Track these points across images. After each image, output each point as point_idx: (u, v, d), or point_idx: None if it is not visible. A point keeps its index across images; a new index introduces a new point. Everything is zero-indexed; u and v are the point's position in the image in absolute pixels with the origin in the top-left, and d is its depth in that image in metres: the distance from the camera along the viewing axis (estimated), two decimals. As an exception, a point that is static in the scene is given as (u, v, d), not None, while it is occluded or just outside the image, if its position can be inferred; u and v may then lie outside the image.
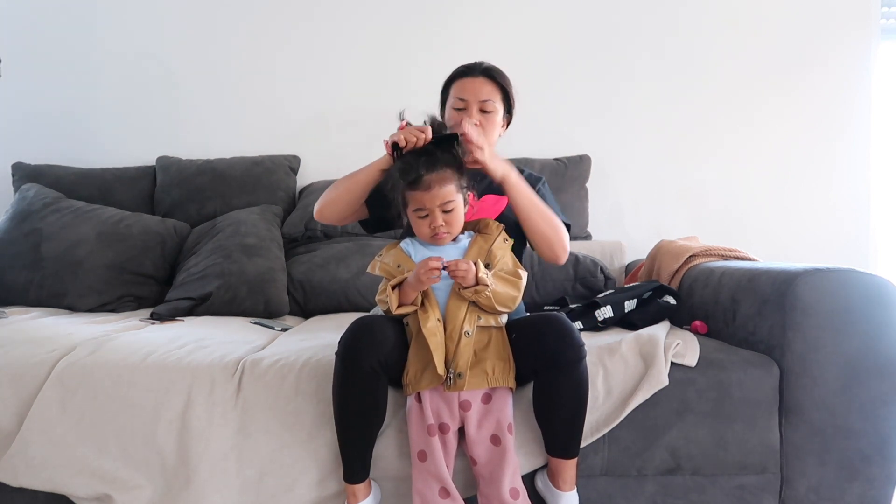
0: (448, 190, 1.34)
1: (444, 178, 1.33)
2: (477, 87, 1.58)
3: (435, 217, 1.34)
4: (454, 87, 1.61)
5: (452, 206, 1.35)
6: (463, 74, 1.61)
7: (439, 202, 1.33)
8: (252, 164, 2.55)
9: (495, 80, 1.59)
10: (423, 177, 1.32)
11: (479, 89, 1.58)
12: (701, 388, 1.44)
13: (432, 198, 1.33)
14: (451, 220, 1.36)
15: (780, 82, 2.70)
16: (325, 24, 2.74)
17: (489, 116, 1.57)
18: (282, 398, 1.40)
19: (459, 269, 1.28)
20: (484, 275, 1.30)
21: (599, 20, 2.72)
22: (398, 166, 1.36)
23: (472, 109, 1.56)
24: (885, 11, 2.76)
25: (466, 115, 1.55)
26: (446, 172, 1.34)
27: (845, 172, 2.70)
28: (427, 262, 1.28)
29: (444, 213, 1.34)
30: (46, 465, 1.39)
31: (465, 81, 1.59)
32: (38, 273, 2.20)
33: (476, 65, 1.61)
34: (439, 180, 1.33)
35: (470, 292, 1.30)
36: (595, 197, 2.60)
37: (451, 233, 1.38)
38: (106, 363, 1.45)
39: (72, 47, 2.75)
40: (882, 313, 1.43)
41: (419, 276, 1.29)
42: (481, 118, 1.56)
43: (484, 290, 1.29)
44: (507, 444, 1.30)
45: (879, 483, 1.45)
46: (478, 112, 1.56)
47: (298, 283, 2.26)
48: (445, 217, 1.35)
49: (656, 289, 1.86)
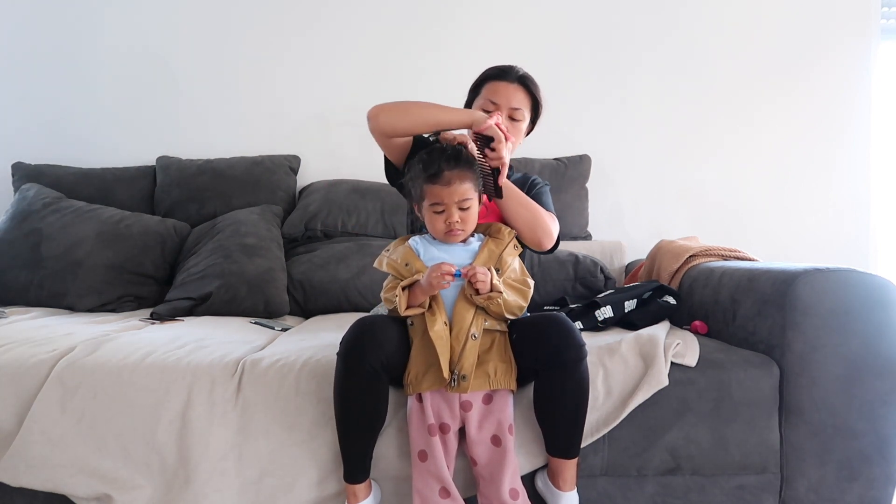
0: (467, 187, 1.35)
1: (464, 175, 1.35)
2: (510, 93, 1.57)
3: (451, 213, 1.35)
4: (486, 89, 1.59)
5: (469, 204, 1.36)
6: (497, 77, 1.59)
7: (457, 198, 1.35)
8: (252, 164, 2.55)
9: (529, 90, 1.59)
10: (444, 171, 1.34)
11: (512, 96, 1.57)
12: (701, 388, 1.43)
13: (451, 193, 1.34)
14: (466, 217, 1.37)
15: (780, 82, 2.70)
16: (325, 24, 2.74)
17: (517, 125, 1.58)
18: (282, 398, 1.40)
19: (479, 277, 1.29)
20: (498, 282, 1.31)
21: (600, 20, 2.72)
22: (421, 157, 1.38)
23: (502, 114, 1.54)
24: (885, 11, 2.76)
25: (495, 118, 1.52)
26: (466, 170, 1.36)
27: (845, 172, 2.70)
28: (440, 268, 1.29)
29: (460, 210, 1.36)
30: (46, 465, 1.38)
31: (499, 85, 1.57)
32: (38, 273, 2.20)
33: (512, 69, 1.59)
34: (460, 177, 1.35)
35: (482, 298, 1.31)
36: (595, 197, 2.61)
37: (466, 231, 1.38)
38: (106, 363, 1.45)
39: (72, 47, 2.75)
40: (882, 313, 1.43)
41: (431, 280, 1.30)
42: (508, 125, 1.54)
43: (497, 297, 1.30)
44: (508, 444, 1.30)
45: (879, 483, 1.45)
46: (506, 119, 1.55)
47: (298, 283, 2.26)
48: (461, 214, 1.36)
49: (656, 289, 1.86)
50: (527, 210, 1.47)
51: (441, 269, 1.28)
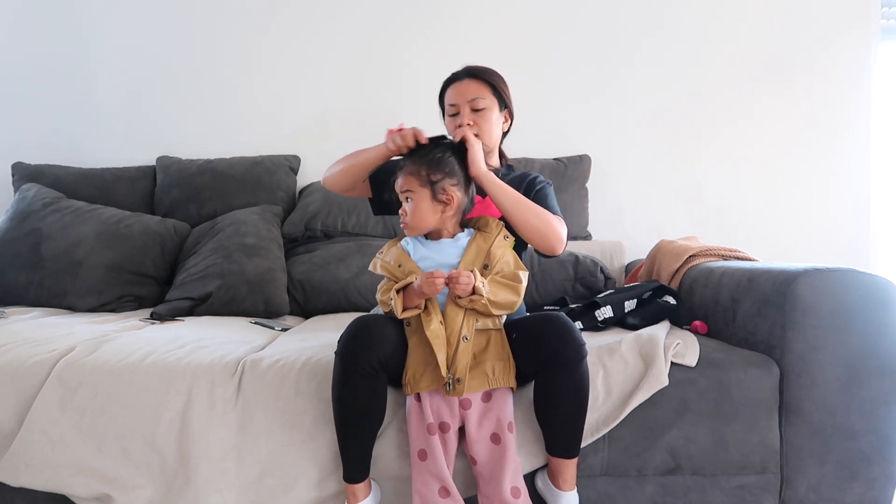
0: (408, 180, 1.39)
1: (412, 170, 1.39)
2: (463, 88, 1.62)
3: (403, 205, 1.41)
4: (446, 96, 1.66)
5: (411, 196, 1.39)
6: (450, 82, 1.66)
7: (403, 189, 1.40)
8: (252, 164, 2.55)
9: (480, 78, 1.63)
10: (404, 166, 1.42)
11: (466, 90, 1.61)
12: (701, 388, 1.43)
13: (400, 185, 1.41)
14: (409, 210, 1.40)
15: (780, 82, 2.70)
16: (325, 24, 2.74)
17: (482, 114, 1.60)
18: (282, 398, 1.40)
19: (460, 284, 1.29)
20: (481, 284, 1.31)
21: (600, 20, 2.72)
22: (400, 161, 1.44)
23: (464, 111, 1.60)
24: (885, 11, 2.76)
25: (460, 118, 1.60)
26: (416, 165, 1.40)
27: (845, 172, 2.70)
28: (431, 277, 1.29)
29: (406, 202, 1.41)
30: (46, 464, 1.38)
31: (452, 88, 1.64)
32: (38, 273, 2.20)
33: (461, 70, 1.66)
34: (408, 170, 1.40)
35: (465, 301, 1.32)
36: (595, 197, 2.60)
37: (409, 224, 1.41)
38: (106, 363, 1.45)
39: (72, 47, 2.75)
40: (882, 313, 1.44)
41: (422, 289, 1.30)
42: (474, 117, 1.59)
43: (479, 300, 1.30)
44: (508, 442, 1.30)
45: (879, 483, 1.45)
46: (470, 112, 1.60)
47: (298, 283, 2.26)
48: (405, 207, 1.41)
49: (656, 289, 1.86)
50: (538, 219, 1.46)
51: (431, 280, 1.29)
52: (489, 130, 1.60)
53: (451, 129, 1.61)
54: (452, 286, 1.30)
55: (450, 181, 1.40)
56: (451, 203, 1.40)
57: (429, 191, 1.39)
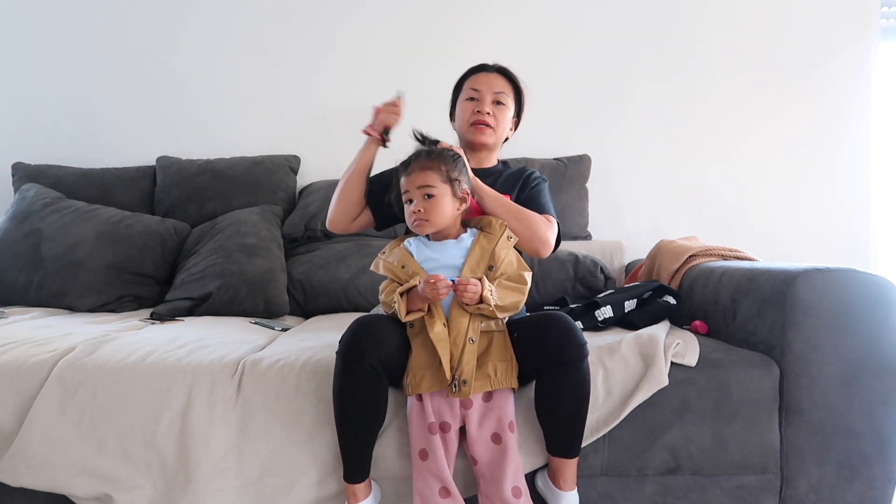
0: (428, 176, 1.38)
1: (428, 165, 1.39)
2: (491, 80, 1.65)
3: (416, 203, 1.39)
4: (468, 82, 1.67)
5: (433, 192, 1.38)
6: (477, 70, 1.68)
7: (418, 184, 1.38)
8: (252, 164, 2.55)
9: (509, 78, 1.67)
10: (412, 164, 1.41)
11: (494, 82, 1.65)
12: (701, 388, 1.44)
13: (412, 181, 1.39)
14: (429, 207, 1.38)
15: (780, 82, 2.70)
16: (325, 24, 2.74)
17: (502, 109, 1.64)
18: (282, 398, 1.40)
19: (468, 293, 1.29)
20: (489, 293, 1.30)
21: (600, 21, 2.72)
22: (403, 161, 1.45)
23: (486, 99, 1.63)
24: (885, 11, 2.76)
25: (480, 104, 1.62)
26: (432, 161, 1.40)
27: (845, 172, 2.70)
28: (434, 283, 1.28)
29: (424, 199, 1.38)
30: (46, 465, 1.38)
31: (480, 76, 1.66)
32: (38, 273, 2.20)
33: (490, 63, 1.68)
34: (422, 166, 1.40)
35: (472, 308, 1.32)
36: (595, 197, 2.60)
37: (430, 221, 1.39)
38: (106, 363, 1.45)
39: (72, 47, 2.75)
40: (882, 313, 1.43)
41: (426, 295, 1.30)
42: (494, 109, 1.63)
43: (486, 308, 1.31)
44: (509, 442, 1.30)
45: (879, 483, 1.45)
46: (491, 104, 1.63)
47: (298, 283, 2.26)
48: (424, 204, 1.38)
49: (656, 289, 1.86)
50: (518, 221, 1.47)
51: (437, 286, 1.28)
52: (502, 128, 1.65)
53: (465, 113, 1.64)
54: (459, 294, 1.29)
55: (465, 180, 1.43)
56: (467, 201, 1.43)
57: (450, 187, 1.40)
